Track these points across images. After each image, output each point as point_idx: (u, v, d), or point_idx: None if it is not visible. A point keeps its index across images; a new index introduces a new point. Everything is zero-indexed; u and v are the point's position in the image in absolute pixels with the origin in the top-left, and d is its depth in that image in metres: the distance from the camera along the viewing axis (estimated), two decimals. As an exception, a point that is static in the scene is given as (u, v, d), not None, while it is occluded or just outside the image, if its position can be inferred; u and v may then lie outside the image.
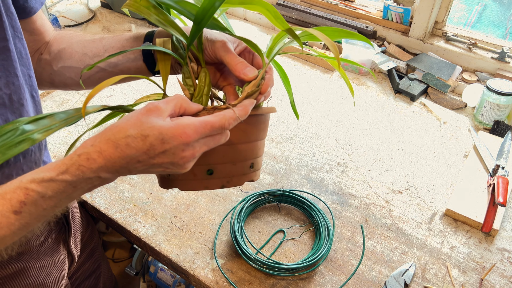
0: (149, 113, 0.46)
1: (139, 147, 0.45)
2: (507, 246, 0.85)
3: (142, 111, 0.47)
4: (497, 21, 1.60)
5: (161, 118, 0.46)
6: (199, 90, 0.58)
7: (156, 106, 0.47)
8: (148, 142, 0.45)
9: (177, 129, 0.46)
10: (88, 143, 0.46)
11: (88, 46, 0.65)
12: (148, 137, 0.45)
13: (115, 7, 1.67)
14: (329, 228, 0.85)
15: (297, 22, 1.53)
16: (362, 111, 1.20)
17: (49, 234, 0.73)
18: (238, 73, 0.56)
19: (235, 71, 0.56)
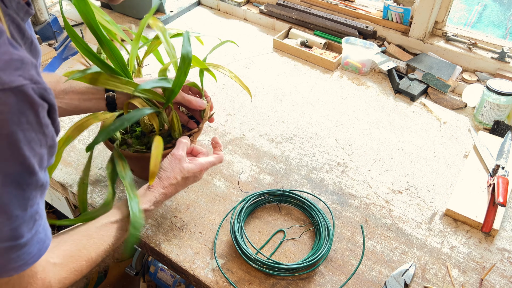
0: (181, 161, 0.78)
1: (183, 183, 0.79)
2: (507, 246, 0.85)
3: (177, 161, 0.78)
4: (497, 21, 1.60)
5: (186, 161, 0.79)
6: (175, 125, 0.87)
7: (181, 155, 0.78)
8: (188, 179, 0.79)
9: (200, 166, 0.80)
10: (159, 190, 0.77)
11: None
12: (188, 178, 0.79)
13: (115, 7, 1.67)
14: (329, 228, 0.85)
15: (297, 22, 1.53)
16: (362, 111, 1.20)
17: None
18: (195, 107, 0.88)
19: (192, 106, 0.87)
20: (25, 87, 0.44)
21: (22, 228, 0.49)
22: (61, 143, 0.80)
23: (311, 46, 1.45)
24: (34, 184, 0.49)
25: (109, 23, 0.88)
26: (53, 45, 1.40)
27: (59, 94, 0.80)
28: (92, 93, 0.83)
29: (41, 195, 0.52)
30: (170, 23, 1.61)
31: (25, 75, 0.44)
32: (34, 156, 0.47)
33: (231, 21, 1.64)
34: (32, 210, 0.50)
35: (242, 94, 1.26)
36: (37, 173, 0.49)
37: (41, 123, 0.47)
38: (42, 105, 0.46)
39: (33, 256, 0.53)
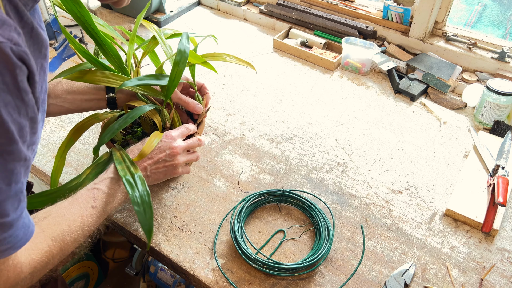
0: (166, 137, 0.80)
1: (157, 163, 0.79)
2: (507, 246, 0.85)
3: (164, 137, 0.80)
4: (497, 21, 1.60)
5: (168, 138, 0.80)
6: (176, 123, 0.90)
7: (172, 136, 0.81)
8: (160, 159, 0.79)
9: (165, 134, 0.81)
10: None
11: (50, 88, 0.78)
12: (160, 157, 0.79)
13: (115, 8, 1.67)
14: (329, 228, 0.85)
15: (297, 22, 1.53)
16: (362, 111, 1.20)
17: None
18: (192, 110, 0.89)
19: (189, 108, 0.89)
20: (2, 45, 0.41)
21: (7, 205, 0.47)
22: (63, 147, 0.81)
23: (311, 46, 1.45)
24: (17, 154, 0.46)
25: (103, 26, 0.88)
26: (53, 45, 1.40)
27: (61, 94, 0.81)
28: (93, 93, 0.84)
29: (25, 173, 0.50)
30: (170, 23, 1.62)
31: (5, 34, 0.42)
32: (12, 122, 0.44)
33: (231, 21, 1.64)
34: (16, 187, 0.48)
35: (242, 94, 1.26)
36: (18, 142, 0.46)
37: (18, 86, 0.44)
38: (20, 67, 0.43)
39: (20, 240, 0.52)
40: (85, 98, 0.84)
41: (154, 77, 0.82)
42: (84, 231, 0.66)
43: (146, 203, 0.71)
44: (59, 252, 0.62)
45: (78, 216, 0.65)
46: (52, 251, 0.60)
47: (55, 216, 0.63)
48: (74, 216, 0.65)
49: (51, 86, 0.80)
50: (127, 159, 0.76)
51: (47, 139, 1.09)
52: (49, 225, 0.62)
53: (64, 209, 0.65)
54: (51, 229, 0.61)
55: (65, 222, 0.63)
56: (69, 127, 1.13)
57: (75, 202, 0.67)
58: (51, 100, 0.80)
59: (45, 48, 0.53)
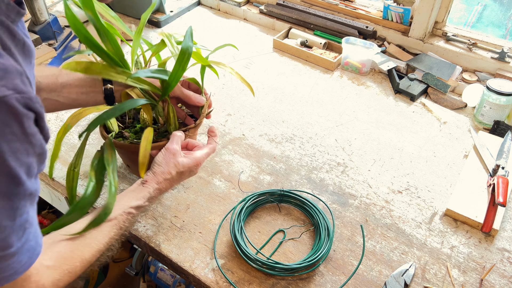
0: (175, 156, 0.77)
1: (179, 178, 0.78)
2: (507, 246, 0.85)
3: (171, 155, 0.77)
4: (497, 21, 1.60)
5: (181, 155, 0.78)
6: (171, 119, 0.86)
7: (175, 149, 0.77)
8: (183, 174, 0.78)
9: (195, 161, 0.79)
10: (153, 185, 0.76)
11: (43, 82, 0.78)
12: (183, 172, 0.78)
13: (115, 7, 1.67)
14: (329, 228, 0.85)
15: (297, 22, 1.53)
16: (362, 111, 1.20)
17: None
18: (193, 102, 0.87)
19: (191, 101, 0.87)
20: (8, 98, 0.43)
21: (11, 238, 0.49)
22: (60, 132, 0.80)
23: (311, 46, 1.45)
24: (22, 193, 0.48)
25: (114, 19, 0.88)
26: (53, 45, 1.40)
27: (57, 88, 0.79)
28: (89, 86, 0.82)
29: (31, 204, 0.51)
30: (170, 23, 1.62)
31: (8, 85, 0.43)
32: (20, 166, 0.46)
33: (231, 21, 1.64)
34: (21, 219, 0.50)
35: (242, 94, 1.26)
36: (24, 183, 0.48)
37: (26, 133, 0.46)
38: (27, 115, 0.45)
39: (24, 265, 0.52)
40: (81, 91, 0.82)
41: (162, 72, 0.82)
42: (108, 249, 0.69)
43: None
44: (81, 269, 0.64)
45: (107, 238, 0.68)
46: (76, 271, 0.63)
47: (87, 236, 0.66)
48: (104, 238, 0.68)
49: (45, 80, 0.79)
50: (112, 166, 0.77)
51: (47, 139, 1.09)
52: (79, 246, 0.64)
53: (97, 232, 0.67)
54: (80, 250, 0.64)
55: (95, 243, 0.66)
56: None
57: (108, 223, 0.69)
58: (46, 94, 0.79)
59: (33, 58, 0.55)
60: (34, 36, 1.39)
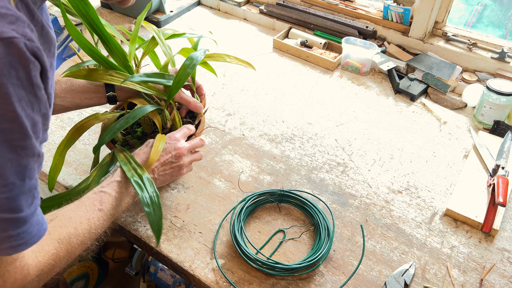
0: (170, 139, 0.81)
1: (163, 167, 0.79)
2: (507, 246, 0.85)
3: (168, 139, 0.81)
4: (497, 21, 1.60)
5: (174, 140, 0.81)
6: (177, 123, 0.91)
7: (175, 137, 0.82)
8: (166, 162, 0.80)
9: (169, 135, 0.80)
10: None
11: None
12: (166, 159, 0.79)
13: (115, 7, 1.67)
14: (329, 228, 0.85)
15: (297, 22, 1.53)
16: (362, 111, 1.20)
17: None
18: (192, 108, 0.90)
19: (190, 107, 0.90)
20: (17, 40, 0.42)
21: (21, 200, 0.48)
22: (62, 145, 0.80)
23: (311, 46, 1.45)
24: (30, 150, 0.47)
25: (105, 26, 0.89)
26: (53, 45, 1.40)
27: (60, 93, 0.81)
28: (93, 91, 0.85)
29: (38, 169, 0.50)
30: (170, 23, 1.62)
31: (19, 30, 0.42)
32: (26, 117, 0.45)
33: (231, 21, 1.64)
34: (30, 183, 0.49)
35: (242, 94, 1.26)
36: (31, 137, 0.46)
37: (32, 82, 0.45)
38: (33, 62, 0.44)
39: (33, 237, 0.51)
40: (85, 96, 0.84)
41: (161, 75, 0.83)
42: (91, 234, 0.66)
43: (155, 204, 0.72)
44: (66, 255, 0.62)
45: (85, 219, 0.65)
46: (59, 253, 0.60)
47: (61, 218, 0.63)
48: (81, 218, 0.65)
49: None
50: (133, 160, 0.77)
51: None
52: (55, 228, 0.61)
53: (71, 211, 0.65)
54: (57, 231, 0.61)
55: (72, 225, 0.63)
56: (69, 127, 1.13)
57: (81, 205, 0.67)
58: None
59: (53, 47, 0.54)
60: (34, 36, 1.39)
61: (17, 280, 0.54)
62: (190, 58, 0.81)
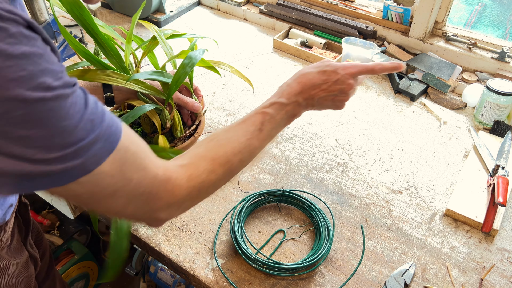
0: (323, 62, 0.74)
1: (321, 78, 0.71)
2: (507, 246, 0.85)
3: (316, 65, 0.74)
4: (497, 21, 1.60)
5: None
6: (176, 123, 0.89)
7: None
8: (327, 74, 0.71)
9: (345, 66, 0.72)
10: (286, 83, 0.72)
11: None
12: (326, 71, 0.71)
13: (115, 7, 1.67)
14: (329, 228, 0.85)
15: (297, 22, 1.53)
16: (362, 111, 1.20)
17: (12, 236, 0.74)
18: (190, 109, 0.90)
19: (188, 107, 0.90)
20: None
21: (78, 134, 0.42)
22: None
23: (311, 46, 1.45)
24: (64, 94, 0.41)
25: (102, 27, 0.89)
26: (53, 45, 1.40)
27: None
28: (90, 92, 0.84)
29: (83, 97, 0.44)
30: (170, 23, 1.62)
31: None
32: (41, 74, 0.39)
33: (231, 21, 1.64)
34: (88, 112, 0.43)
35: (242, 94, 1.26)
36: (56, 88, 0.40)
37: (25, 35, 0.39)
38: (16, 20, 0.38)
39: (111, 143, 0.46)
40: None
41: (160, 73, 0.83)
42: (250, 153, 0.64)
43: None
44: (223, 170, 0.60)
45: (244, 139, 0.63)
46: (214, 169, 0.58)
47: (221, 138, 0.62)
48: (240, 138, 0.63)
49: None
50: None
51: (47, 139, 1.09)
52: (214, 147, 0.61)
53: (231, 132, 0.64)
54: (214, 150, 0.60)
55: (231, 145, 0.62)
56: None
57: (242, 124, 0.65)
58: None
59: None
60: (34, 36, 1.39)
61: (169, 192, 0.52)
62: (189, 57, 0.81)
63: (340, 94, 0.72)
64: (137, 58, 0.92)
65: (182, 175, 0.54)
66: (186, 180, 0.54)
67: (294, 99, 0.69)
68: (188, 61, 0.81)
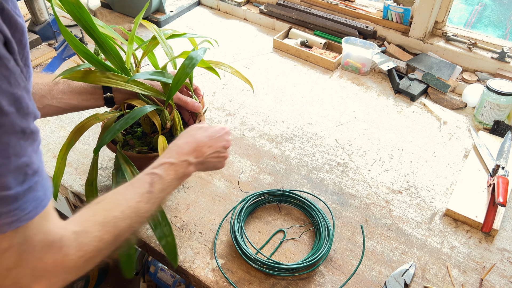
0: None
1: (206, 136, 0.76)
2: (507, 246, 0.85)
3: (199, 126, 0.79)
4: (497, 21, 1.60)
5: None
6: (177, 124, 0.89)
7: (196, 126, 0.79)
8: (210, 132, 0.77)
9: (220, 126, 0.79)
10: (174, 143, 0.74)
11: (45, 89, 0.79)
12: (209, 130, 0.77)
13: (115, 7, 1.67)
14: (329, 228, 0.85)
15: (297, 22, 1.53)
16: (362, 111, 1.20)
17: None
18: (191, 109, 0.89)
19: (188, 107, 0.89)
20: None
21: (8, 178, 0.45)
22: (64, 148, 0.81)
23: (311, 46, 1.45)
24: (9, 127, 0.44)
25: (103, 27, 0.89)
26: (53, 45, 1.40)
27: (57, 94, 0.81)
28: (90, 93, 0.84)
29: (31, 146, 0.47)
30: (170, 23, 1.62)
31: None
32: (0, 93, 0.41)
33: (231, 21, 1.64)
34: (18, 161, 0.46)
35: (242, 94, 1.26)
36: (9, 114, 0.43)
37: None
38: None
39: (28, 213, 0.49)
40: (82, 98, 0.84)
41: (161, 74, 0.83)
42: (139, 217, 0.64)
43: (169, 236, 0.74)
44: (112, 237, 0.59)
45: (133, 202, 0.63)
46: (103, 236, 0.58)
47: (109, 201, 0.62)
48: (128, 202, 0.63)
49: (46, 87, 0.80)
50: None
51: (47, 139, 1.09)
52: (101, 210, 0.60)
53: (119, 194, 0.63)
54: (103, 214, 0.59)
55: (118, 208, 0.61)
56: (69, 127, 1.13)
57: (130, 187, 0.65)
58: (47, 101, 0.80)
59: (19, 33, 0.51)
60: (34, 36, 1.39)
61: (57, 261, 0.52)
62: (189, 57, 0.81)
63: (222, 150, 0.78)
64: (137, 58, 0.92)
65: (72, 244, 0.53)
66: (76, 247, 0.54)
67: (183, 158, 0.71)
68: (189, 62, 0.81)
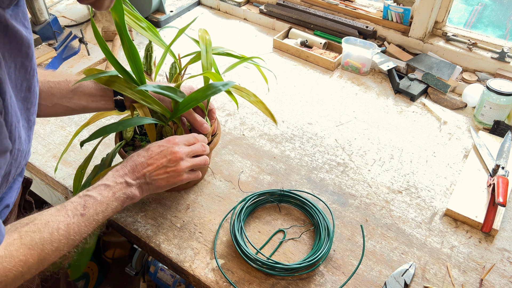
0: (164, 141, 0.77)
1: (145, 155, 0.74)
2: (507, 246, 0.85)
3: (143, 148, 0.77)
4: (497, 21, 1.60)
5: None
6: None
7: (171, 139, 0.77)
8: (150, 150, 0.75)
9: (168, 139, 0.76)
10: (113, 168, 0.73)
11: (55, 88, 0.78)
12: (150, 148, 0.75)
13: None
14: (329, 228, 0.85)
15: (297, 22, 1.53)
16: (362, 111, 1.20)
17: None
18: (199, 129, 0.85)
19: (196, 127, 0.85)
20: None
21: None
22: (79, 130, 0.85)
23: (311, 46, 1.45)
24: None
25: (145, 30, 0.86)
26: (53, 45, 1.40)
27: (67, 94, 0.79)
28: (100, 95, 0.82)
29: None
30: (170, 23, 1.62)
31: None
32: None
33: (231, 21, 1.64)
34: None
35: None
36: None
37: None
38: None
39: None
40: (92, 99, 0.82)
41: (172, 90, 0.78)
42: (69, 240, 0.62)
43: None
44: (37, 261, 0.58)
45: (63, 224, 0.61)
46: (28, 260, 0.56)
47: (37, 223, 0.59)
48: (58, 224, 0.61)
49: (57, 86, 0.79)
50: None
51: (47, 139, 1.10)
52: (28, 232, 0.58)
53: (49, 216, 0.61)
54: (30, 236, 0.57)
55: (48, 230, 0.59)
56: (69, 127, 1.13)
57: (62, 209, 0.63)
58: (57, 100, 0.79)
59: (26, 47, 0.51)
60: (34, 36, 1.39)
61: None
62: (209, 86, 0.76)
63: (169, 165, 0.74)
64: (180, 65, 0.89)
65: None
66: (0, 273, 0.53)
67: (120, 180, 0.70)
68: (205, 91, 0.75)
